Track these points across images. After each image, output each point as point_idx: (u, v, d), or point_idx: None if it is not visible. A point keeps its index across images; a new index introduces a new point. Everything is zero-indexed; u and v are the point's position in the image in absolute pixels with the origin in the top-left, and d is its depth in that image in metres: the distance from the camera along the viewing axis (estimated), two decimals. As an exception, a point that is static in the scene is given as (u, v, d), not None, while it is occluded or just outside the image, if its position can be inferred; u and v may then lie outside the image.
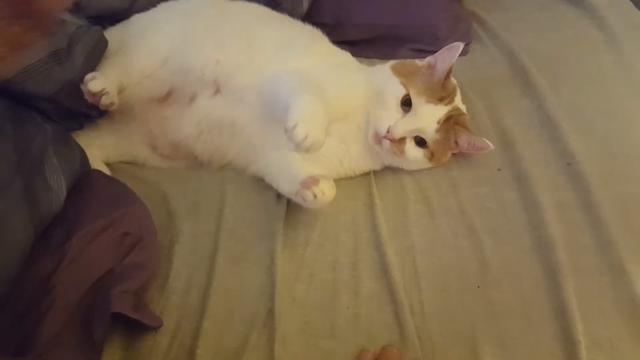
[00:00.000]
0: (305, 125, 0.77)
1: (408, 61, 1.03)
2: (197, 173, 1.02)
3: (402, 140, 0.96)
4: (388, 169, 1.05)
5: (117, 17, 1.09)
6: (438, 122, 0.95)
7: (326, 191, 0.86)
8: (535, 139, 1.06)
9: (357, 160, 1.03)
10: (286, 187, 0.94)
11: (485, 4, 1.44)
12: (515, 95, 1.16)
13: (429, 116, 0.95)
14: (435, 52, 1.04)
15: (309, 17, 1.21)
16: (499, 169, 1.02)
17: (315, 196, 0.85)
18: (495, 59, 1.26)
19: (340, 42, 1.14)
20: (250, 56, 1.01)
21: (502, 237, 0.91)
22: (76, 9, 1.06)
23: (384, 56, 1.21)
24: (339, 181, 0.98)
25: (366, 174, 1.05)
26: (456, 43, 0.96)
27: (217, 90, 0.98)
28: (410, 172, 1.04)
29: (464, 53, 1.30)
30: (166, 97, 0.99)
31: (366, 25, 1.30)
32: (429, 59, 1.00)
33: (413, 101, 0.95)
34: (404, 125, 0.95)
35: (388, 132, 0.95)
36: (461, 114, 1.00)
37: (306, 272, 0.89)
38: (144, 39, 1.01)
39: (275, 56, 1.02)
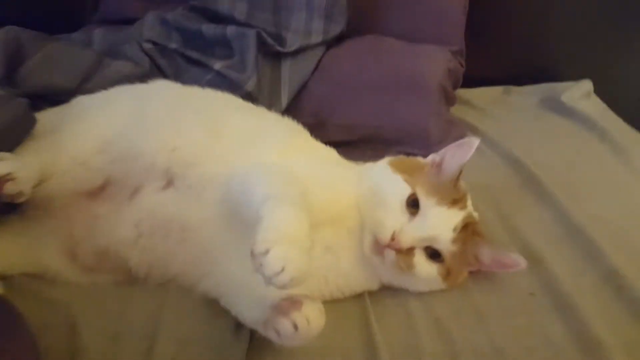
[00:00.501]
0: (282, 250, 0.58)
1: (408, 157, 0.86)
2: (127, 291, 0.78)
3: (410, 251, 0.74)
4: (387, 290, 0.80)
5: (60, 98, 0.92)
6: (454, 230, 0.74)
7: (312, 319, 0.60)
8: (568, 255, 0.85)
9: (348, 276, 0.78)
10: (250, 313, 0.69)
11: (475, 114, 1.33)
12: (529, 203, 0.98)
13: (442, 221, 0.74)
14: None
15: (288, 116, 1.03)
16: (532, 294, 0.79)
17: (296, 327, 0.59)
18: (498, 165, 1.11)
19: (322, 143, 0.96)
20: (216, 144, 0.81)
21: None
22: (6, 82, 0.89)
23: (371, 159, 1.02)
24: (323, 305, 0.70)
25: (359, 296, 0.80)
26: (470, 138, 0.80)
27: (169, 183, 0.79)
28: (417, 295, 0.79)
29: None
30: (99, 190, 0.79)
31: (350, 125, 1.15)
32: (432, 156, 0.84)
33: (421, 202, 0.75)
34: (413, 231, 0.73)
35: (393, 239, 0.72)
36: (476, 223, 0.79)
37: None
38: (84, 120, 0.84)
39: (247, 146, 0.82)
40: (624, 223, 0.92)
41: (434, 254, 0.75)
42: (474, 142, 0.77)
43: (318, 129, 0.96)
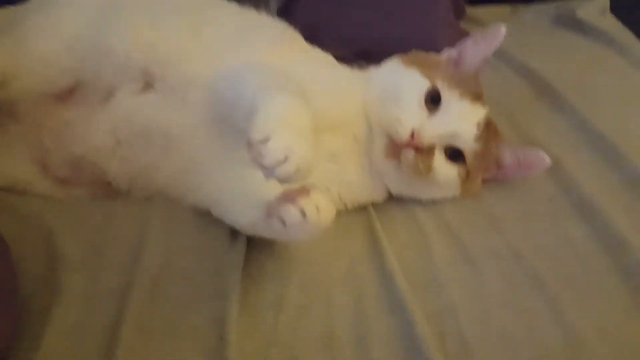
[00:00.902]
0: (285, 136, 0.50)
1: (422, 53, 0.78)
2: (108, 206, 0.71)
3: (430, 150, 0.67)
4: (393, 201, 0.74)
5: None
6: (477, 127, 0.67)
7: (322, 207, 0.53)
8: (588, 161, 0.78)
9: (353, 187, 0.72)
10: (248, 215, 0.62)
11: (481, 29, 1.23)
12: (545, 114, 0.91)
13: (466, 116, 0.68)
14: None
15: None
16: (550, 200, 0.72)
17: (304, 214, 0.51)
18: (511, 78, 1.03)
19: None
20: (198, 42, 0.73)
21: (585, 290, 0.59)
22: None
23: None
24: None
25: (362, 208, 0.74)
26: (496, 26, 0.71)
27: (148, 85, 0.71)
28: (426, 205, 0.72)
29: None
30: (69, 94, 0.71)
31: (347, 38, 1.04)
32: (448, 50, 0.76)
33: (443, 95, 0.68)
34: (435, 127, 0.66)
35: (412, 136, 0.65)
36: (494, 123, 0.73)
37: (280, 354, 0.53)
38: (49, 14, 0.74)
39: (234, 45, 0.74)
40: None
41: (454, 155, 0.68)
42: (501, 29, 0.69)
43: (312, 43, 0.86)
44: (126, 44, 0.70)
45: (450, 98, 0.67)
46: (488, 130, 0.69)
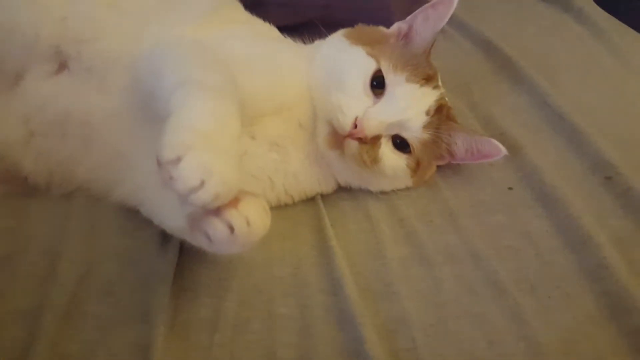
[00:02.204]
0: (200, 156, 0.41)
1: (369, 27, 0.70)
2: (22, 206, 0.63)
3: (375, 140, 0.60)
4: (343, 191, 0.68)
5: None
6: (427, 113, 0.61)
7: (253, 219, 0.45)
8: (549, 145, 0.74)
9: (298, 177, 0.66)
10: (175, 220, 0.53)
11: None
12: (504, 90, 0.86)
13: (414, 102, 0.61)
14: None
15: None
16: (510, 188, 0.68)
17: (232, 229, 0.44)
18: (467, 50, 0.96)
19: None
20: (117, 13, 0.63)
21: (548, 296, 0.55)
22: None
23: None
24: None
25: (310, 200, 0.67)
26: None
27: (62, 66, 0.62)
28: (378, 196, 0.67)
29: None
30: None
31: (295, 4, 0.95)
32: (397, 25, 0.68)
33: (387, 79, 0.61)
34: (379, 115, 0.60)
35: (355, 126, 0.58)
36: (449, 107, 0.67)
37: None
38: None
39: (161, 14, 0.65)
40: (611, 111, 0.80)
41: (401, 144, 0.62)
42: (453, 0, 0.62)
43: (254, 10, 0.77)
44: (33, 18, 0.61)
45: (395, 81, 0.61)
46: (440, 115, 0.63)
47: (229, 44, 0.62)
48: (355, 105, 0.59)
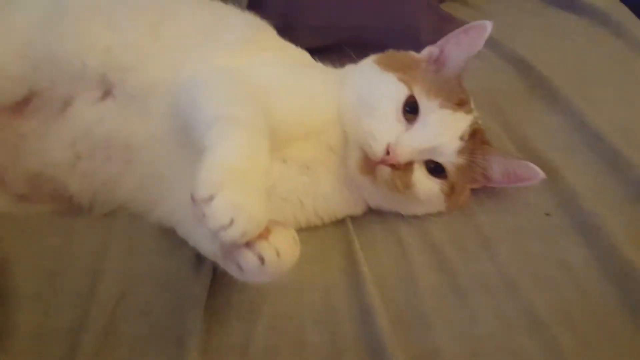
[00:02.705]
0: (231, 196, 0.44)
1: (400, 52, 0.69)
2: (68, 223, 0.65)
3: (408, 166, 0.59)
4: (373, 214, 0.67)
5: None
6: (461, 138, 0.60)
7: (283, 250, 0.46)
8: (588, 168, 0.72)
9: (328, 200, 0.65)
10: (209, 244, 0.55)
11: (469, 12, 1.14)
12: (539, 110, 0.84)
13: (448, 128, 0.60)
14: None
15: None
16: (547, 214, 0.66)
17: (262, 260, 0.44)
18: (500, 68, 0.94)
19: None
20: (159, 43, 0.66)
21: (587, 330, 0.52)
22: None
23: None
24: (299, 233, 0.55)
25: (340, 222, 0.66)
26: (480, 22, 0.63)
27: (107, 93, 0.65)
28: (410, 219, 0.65)
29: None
30: (23, 104, 0.65)
31: (325, 27, 0.96)
32: (428, 50, 0.68)
33: (421, 105, 0.60)
34: (412, 141, 0.59)
35: (388, 152, 0.57)
36: (483, 130, 0.65)
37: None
38: None
39: (197, 45, 0.67)
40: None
41: (436, 169, 0.61)
42: (486, 25, 0.61)
43: (286, 34, 0.77)
44: (80, 48, 0.63)
45: (429, 106, 0.60)
46: (474, 139, 0.62)
47: (262, 72, 0.63)
48: (387, 131, 0.59)
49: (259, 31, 0.73)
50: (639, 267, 0.56)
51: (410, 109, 0.60)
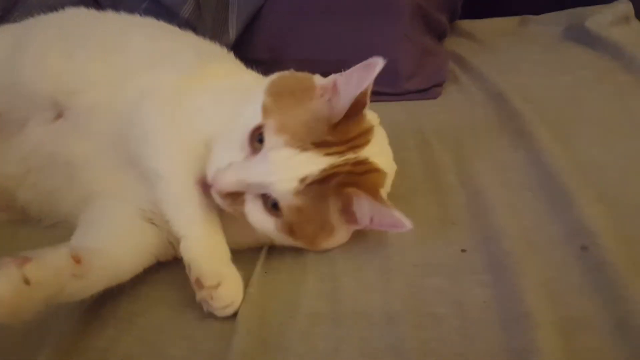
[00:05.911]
0: (233, 283, 0.58)
1: (301, 74, 0.66)
2: (20, 231, 0.71)
3: (238, 196, 0.58)
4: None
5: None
6: (301, 181, 0.56)
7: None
8: (528, 206, 0.66)
9: (238, 226, 0.63)
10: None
11: (474, 47, 1.12)
12: (501, 145, 0.79)
13: (284, 167, 0.56)
14: (398, 94, 0.88)
15: (240, 52, 0.89)
16: (463, 250, 0.61)
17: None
18: (477, 102, 0.92)
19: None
20: (107, 67, 0.71)
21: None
22: None
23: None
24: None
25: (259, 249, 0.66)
26: (376, 58, 0.56)
27: (60, 115, 0.71)
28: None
29: (434, 95, 0.97)
30: None
31: (309, 61, 0.96)
32: (333, 76, 0.62)
33: (266, 138, 0.57)
34: (239, 173, 0.57)
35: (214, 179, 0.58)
36: (372, 170, 0.60)
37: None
38: None
39: (142, 70, 0.71)
40: (618, 172, 0.70)
41: (275, 205, 0.58)
42: (378, 62, 0.55)
43: (274, 67, 0.80)
44: (36, 75, 0.70)
45: (272, 142, 0.56)
46: (331, 182, 0.57)
47: (194, 99, 0.66)
48: (221, 157, 0.58)
49: (211, 60, 0.76)
50: (537, 314, 0.50)
51: (260, 140, 0.58)
